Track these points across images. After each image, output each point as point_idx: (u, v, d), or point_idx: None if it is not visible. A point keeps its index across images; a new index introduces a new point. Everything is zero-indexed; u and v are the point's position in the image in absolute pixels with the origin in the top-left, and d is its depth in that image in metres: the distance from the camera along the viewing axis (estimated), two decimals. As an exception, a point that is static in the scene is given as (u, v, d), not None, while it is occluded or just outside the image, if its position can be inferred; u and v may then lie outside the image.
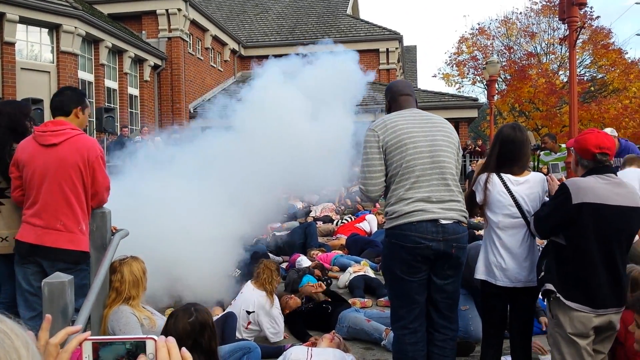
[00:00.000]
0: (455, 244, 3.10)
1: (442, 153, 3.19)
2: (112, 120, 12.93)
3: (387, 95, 3.51)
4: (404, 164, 3.13)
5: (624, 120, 21.74)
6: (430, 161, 3.15)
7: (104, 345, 1.08)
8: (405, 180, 3.13)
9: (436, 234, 3.05)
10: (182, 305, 2.71)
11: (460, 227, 3.15)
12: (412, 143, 3.15)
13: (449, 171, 3.18)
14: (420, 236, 3.05)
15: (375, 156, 3.22)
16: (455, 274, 3.22)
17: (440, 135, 3.24)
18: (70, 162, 3.56)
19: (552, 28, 26.46)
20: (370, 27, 23.30)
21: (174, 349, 1.07)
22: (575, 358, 3.06)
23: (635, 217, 3.08)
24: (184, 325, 2.44)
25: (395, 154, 3.16)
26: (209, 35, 20.85)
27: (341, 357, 3.83)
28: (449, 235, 3.08)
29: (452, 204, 3.14)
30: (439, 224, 3.06)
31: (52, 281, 2.94)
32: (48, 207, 3.56)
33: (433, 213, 3.06)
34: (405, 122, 3.23)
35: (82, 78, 14.63)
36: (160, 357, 1.05)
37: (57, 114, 3.74)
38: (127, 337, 1.10)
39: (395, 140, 3.17)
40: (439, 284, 3.19)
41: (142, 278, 3.67)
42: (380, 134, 3.21)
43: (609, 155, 3.12)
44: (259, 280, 4.81)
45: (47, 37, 13.64)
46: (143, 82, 17.73)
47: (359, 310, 5.24)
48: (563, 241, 3.13)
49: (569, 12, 8.74)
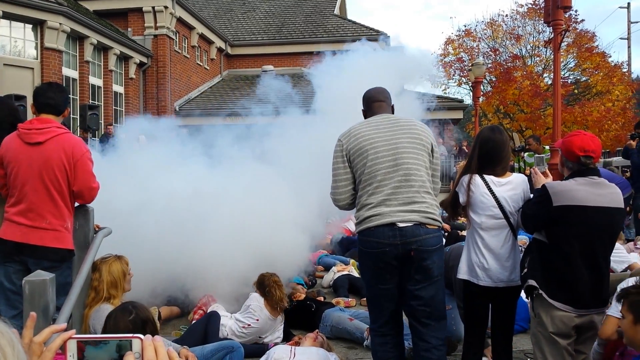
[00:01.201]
0: (414, 247, 3.05)
1: (406, 155, 3.17)
2: (97, 117, 12.82)
3: (364, 104, 3.55)
4: (366, 169, 3.17)
5: (606, 123, 21.99)
6: (393, 164, 3.14)
7: (89, 345, 1.06)
8: (368, 186, 3.16)
9: (393, 238, 3.05)
10: (119, 306, 2.68)
11: (422, 229, 3.09)
12: (373, 148, 3.18)
13: (415, 173, 3.15)
14: (377, 241, 3.08)
15: (339, 165, 3.29)
16: (425, 278, 3.13)
17: (406, 137, 3.23)
18: (56, 160, 3.53)
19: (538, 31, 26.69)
20: (358, 27, 23.31)
21: (160, 347, 1.05)
22: (556, 357, 3.10)
23: (617, 217, 3.13)
24: (125, 324, 2.40)
25: (358, 161, 3.22)
26: (195, 33, 20.75)
27: (325, 356, 3.83)
28: (407, 239, 3.05)
29: (415, 206, 3.11)
30: (396, 228, 3.05)
31: (33, 279, 2.91)
32: (33, 205, 3.53)
33: (390, 217, 3.06)
34: (369, 129, 3.27)
35: (67, 75, 14.48)
36: (147, 356, 1.03)
37: (47, 112, 3.67)
38: (113, 336, 1.07)
39: (356, 148, 3.22)
40: (409, 289, 3.16)
41: (121, 279, 3.63)
42: (344, 142, 3.28)
43: (593, 158, 3.16)
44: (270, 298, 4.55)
45: (31, 33, 13.48)
46: (128, 80, 17.59)
47: (343, 309, 5.25)
48: (545, 239, 3.17)
49: (554, 15, 8.82)
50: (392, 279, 3.15)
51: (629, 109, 23.87)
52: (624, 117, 22.71)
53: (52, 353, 1.08)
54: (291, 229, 5.74)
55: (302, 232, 5.93)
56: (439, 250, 3.18)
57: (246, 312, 4.55)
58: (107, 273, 3.58)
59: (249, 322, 4.49)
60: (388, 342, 3.27)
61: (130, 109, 17.56)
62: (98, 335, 1.09)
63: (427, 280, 3.13)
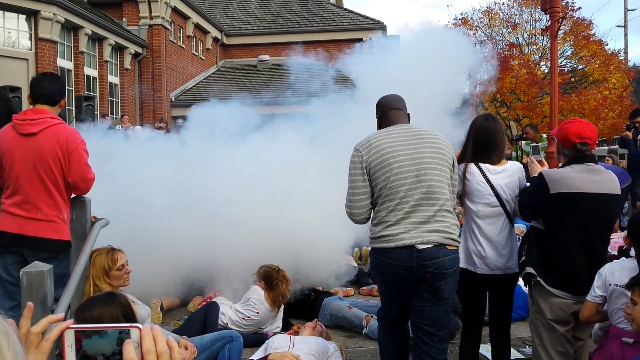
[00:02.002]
0: (430, 269, 2.91)
1: (430, 172, 2.99)
2: (92, 108, 12.77)
3: (378, 111, 3.36)
4: (388, 184, 2.98)
5: (603, 111, 21.99)
6: (416, 181, 2.97)
7: (88, 337, 1.05)
8: (389, 202, 2.98)
9: (410, 261, 2.91)
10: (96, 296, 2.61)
11: (441, 250, 2.93)
12: (397, 162, 2.99)
13: (437, 190, 2.98)
14: (393, 263, 2.94)
15: (359, 177, 3.08)
16: (432, 297, 2.99)
17: (429, 151, 3.05)
18: (49, 151, 3.51)
19: (534, 19, 26.57)
20: (354, 17, 23.20)
21: (159, 337, 1.03)
22: (554, 344, 3.12)
23: (613, 204, 3.14)
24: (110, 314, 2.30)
25: (379, 175, 3.02)
26: (190, 23, 20.62)
27: (323, 344, 3.84)
28: (425, 261, 2.90)
29: (435, 225, 2.94)
30: (414, 250, 2.90)
31: (31, 271, 2.90)
32: (29, 197, 3.52)
33: (409, 239, 2.90)
34: (391, 140, 3.07)
35: (61, 66, 14.39)
36: (146, 345, 1.02)
37: (41, 102, 3.64)
38: (111, 326, 1.06)
39: (379, 161, 3.02)
40: (414, 305, 3.06)
41: (102, 274, 3.55)
42: (365, 154, 3.07)
43: (589, 144, 3.16)
44: (274, 292, 4.51)
45: (24, 23, 13.38)
46: (123, 70, 17.50)
47: (342, 298, 5.26)
48: (542, 226, 3.18)
49: (551, 3, 8.79)
50: (403, 292, 3.08)
51: (626, 97, 23.87)
52: (621, 105, 22.72)
53: (49, 343, 1.06)
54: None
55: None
56: (455, 273, 3.03)
57: (246, 304, 4.54)
58: (92, 266, 3.54)
59: (249, 315, 4.49)
60: (391, 326, 3.29)
61: (125, 99, 17.48)
62: (96, 325, 1.08)
63: (436, 301, 3.01)
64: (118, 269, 3.61)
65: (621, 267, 2.90)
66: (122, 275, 3.64)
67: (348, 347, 4.35)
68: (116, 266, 3.60)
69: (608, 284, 2.88)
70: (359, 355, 4.26)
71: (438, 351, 3.06)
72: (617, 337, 2.87)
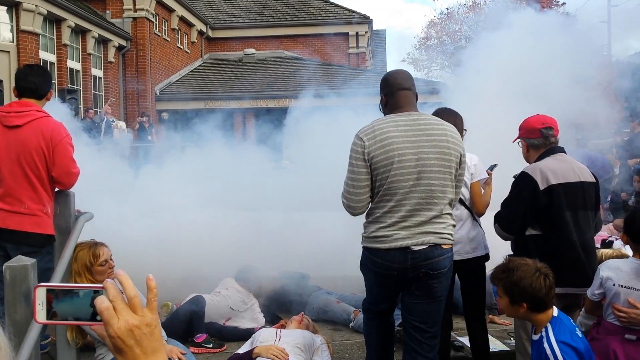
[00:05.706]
0: (424, 269, 2.83)
1: (432, 175, 2.82)
2: (75, 102, 12.62)
3: (384, 88, 3.06)
4: (387, 183, 2.82)
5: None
6: (417, 183, 2.81)
7: (57, 298, 1.03)
8: (386, 201, 2.85)
9: (404, 262, 2.82)
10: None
11: (436, 250, 2.83)
12: (399, 161, 2.81)
13: (437, 195, 2.83)
14: (386, 264, 2.85)
15: (361, 170, 2.87)
16: (424, 294, 2.91)
17: (435, 152, 2.84)
18: (34, 144, 3.47)
19: (519, 14, 26.78)
20: (340, 10, 23.17)
21: (125, 281, 1.02)
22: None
23: (592, 192, 3.20)
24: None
25: (380, 171, 2.84)
26: (175, 15, 20.45)
27: (310, 338, 3.85)
28: (419, 262, 2.82)
29: (432, 227, 2.83)
30: (409, 251, 2.81)
31: (14, 265, 2.86)
32: (11, 190, 3.48)
33: (404, 240, 2.81)
34: (397, 134, 2.84)
35: (44, 58, 14.20)
36: (111, 293, 0.99)
37: (27, 95, 3.59)
38: (82, 286, 1.06)
39: (381, 157, 2.82)
40: (406, 301, 3.00)
41: (83, 270, 3.50)
42: (368, 144, 2.85)
43: (553, 129, 3.22)
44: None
45: (6, 15, 13.16)
46: (107, 64, 17.32)
47: (330, 292, 5.25)
48: (539, 231, 3.16)
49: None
50: (394, 290, 3.05)
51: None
52: (604, 100, 23.01)
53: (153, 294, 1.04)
54: None
55: None
56: (448, 273, 2.94)
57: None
58: (74, 261, 3.48)
59: (218, 290, 4.65)
60: (377, 319, 3.25)
61: (109, 93, 17.30)
62: (68, 284, 1.07)
63: (425, 297, 2.92)
64: (101, 264, 3.55)
65: (617, 266, 2.84)
66: (105, 270, 3.58)
67: (335, 340, 4.37)
68: (99, 261, 3.52)
69: (605, 282, 2.83)
70: (345, 348, 4.28)
71: (428, 347, 2.97)
72: (612, 332, 2.79)
